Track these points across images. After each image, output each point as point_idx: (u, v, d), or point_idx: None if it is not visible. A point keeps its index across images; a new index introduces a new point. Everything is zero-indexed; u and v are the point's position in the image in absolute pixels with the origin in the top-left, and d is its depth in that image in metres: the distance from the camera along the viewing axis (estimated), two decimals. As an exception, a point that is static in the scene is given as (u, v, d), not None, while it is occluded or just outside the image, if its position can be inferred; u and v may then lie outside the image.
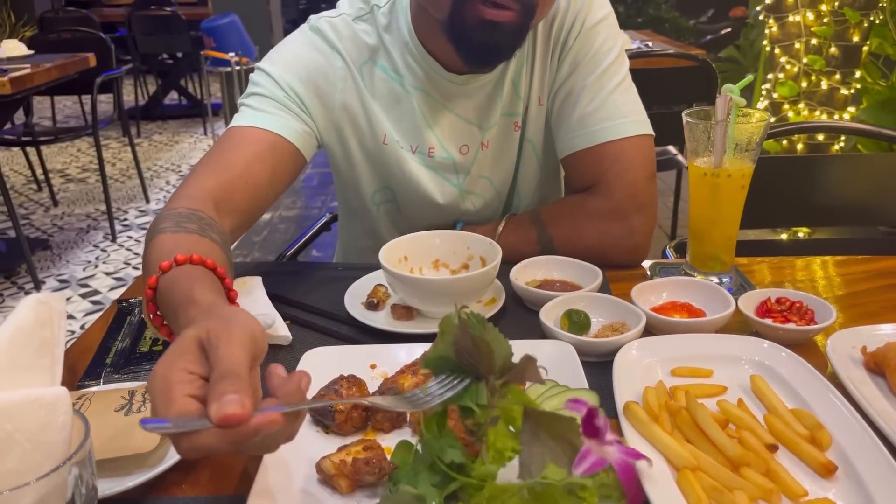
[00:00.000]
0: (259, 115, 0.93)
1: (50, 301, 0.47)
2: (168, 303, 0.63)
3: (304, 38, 0.99)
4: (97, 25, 5.21)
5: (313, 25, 0.99)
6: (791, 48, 3.09)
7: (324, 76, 0.97)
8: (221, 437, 0.45)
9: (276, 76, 0.95)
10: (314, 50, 0.97)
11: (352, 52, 0.97)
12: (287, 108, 0.94)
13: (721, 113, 0.80)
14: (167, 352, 0.50)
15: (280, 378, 0.50)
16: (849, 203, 1.37)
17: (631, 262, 0.95)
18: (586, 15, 0.96)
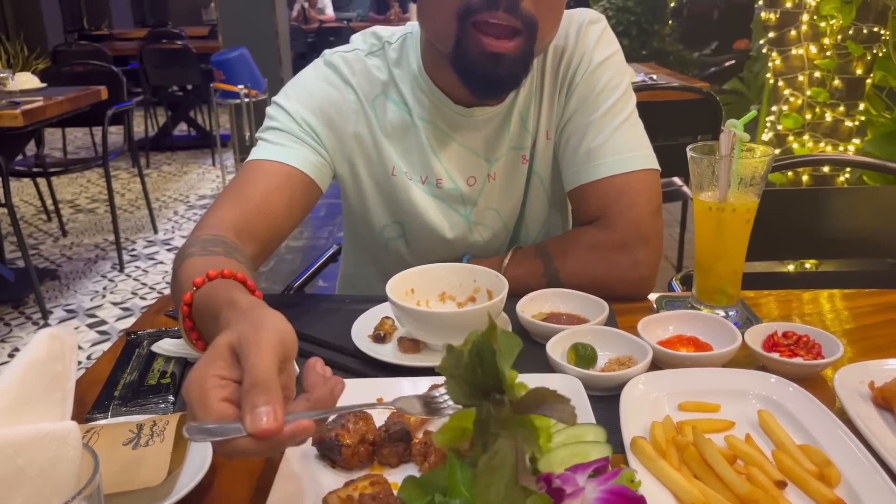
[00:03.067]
0: (275, 148, 0.96)
1: (62, 336, 0.48)
2: (204, 314, 0.66)
3: (318, 72, 1.02)
4: (109, 59, 5.29)
5: (327, 60, 1.02)
6: (795, 80, 3.11)
7: (337, 109, 0.99)
8: (258, 444, 0.48)
9: (290, 110, 0.98)
10: (328, 84, 1.00)
11: (364, 87, 1.00)
12: (302, 141, 0.97)
13: (725, 148, 0.81)
14: (201, 359, 0.52)
15: (316, 378, 0.53)
16: (855, 235, 1.37)
17: (637, 294, 0.95)
18: (594, 53, 0.98)
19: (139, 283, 3.45)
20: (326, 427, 0.64)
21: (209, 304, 0.65)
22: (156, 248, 3.91)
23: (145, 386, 0.77)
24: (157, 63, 5.71)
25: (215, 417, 0.48)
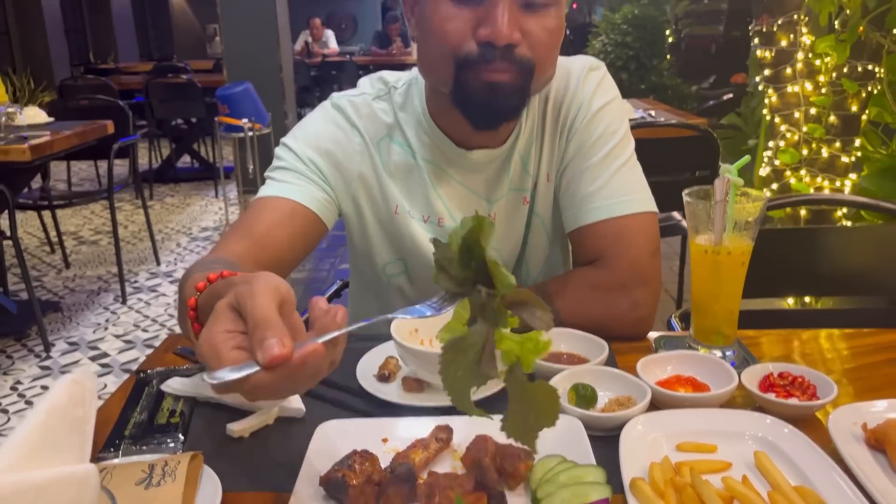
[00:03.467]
0: (281, 185, 1.00)
1: (83, 381, 0.50)
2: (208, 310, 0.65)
3: (325, 115, 1.07)
4: (115, 93, 5.37)
5: (335, 103, 1.07)
6: (791, 117, 3.16)
7: (342, 150, 1.04)
8: (274, 376, 0.50)
9: (297, 150, 1.03)
10: (334, 126, 1.05)
11: (369, 129, 1.05)
12: (308, 178, 1.01)
13: (720, 193, 0.84)
14: (206, 324, 0.55)
15: (319, 310, 0.55)
16: (851, 273, 1.39)
17: (636, 334, 0.97)
18: (593, 99, 1.02)
19: (141, 315, 3.47)
20: (333, 467, 0.66)
21: (212, 300, 0.64)
22: (158, 279, 3.93)
23: (155, 425, 0.78)
24: (163, 97, 5.79)
25: (230, 364, 0.51)
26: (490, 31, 0.86)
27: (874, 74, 2.95)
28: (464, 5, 0.88)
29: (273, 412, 0.79)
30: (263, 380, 0.50)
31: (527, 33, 0.88)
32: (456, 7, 0.88)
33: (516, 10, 0.87)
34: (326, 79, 8.71)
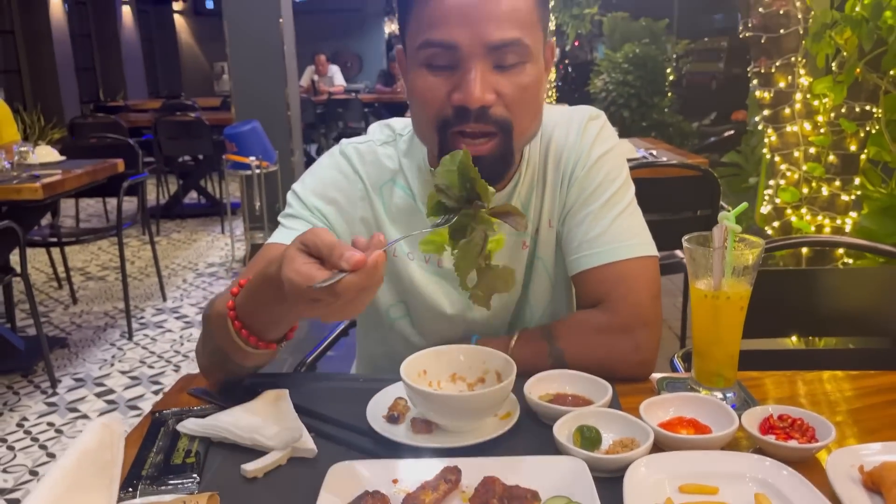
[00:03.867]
0: (288, 232, 1.06)
1: (112, 425, 0.53)
2: (250, 301, 0.85)
3: (332, 161, 1.13)
4: (125, 131, 5.45)
5: (343, 150, 1.13)
6: (791, 156, 3.21)
7: (345, 196, 1.09)
8: (358, 277, 0.69)
9: (304, 198, 1.09)
10: (339, 173, 1.10)
11: (372, 175, 1.10)
12: (313, 225, 1.04)
13: (718, 240, 0.87)
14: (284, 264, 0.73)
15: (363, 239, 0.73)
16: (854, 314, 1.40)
17: (638, 376, 1.00)
18: (593, 148, 1.06)
19: (147, 351, 3.49)
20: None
21: (251, 291, 0.84)
22: (164, 315, 3.96)
23: (171, 465, 0.80)
24: (171, 134, 5.88)
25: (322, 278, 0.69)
26: (463, 95, 0.91)
27: (872, 114, 3.00)
28: (440, 74, 0.93)
29: (286, 453, 0.81)
30: (351, 280, 0.68)
31: (501, 93, 0.92)
32: (433, 76, 0.93)
33: (489, 71, 0.91)
34: (332, 115, 8.84)
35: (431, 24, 0.91)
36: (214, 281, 4.56)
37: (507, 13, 0.90)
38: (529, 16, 0.92)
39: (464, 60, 0.91)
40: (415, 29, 0.94)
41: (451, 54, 0.91)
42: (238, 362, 0.93)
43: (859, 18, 2.67)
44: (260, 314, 0.85)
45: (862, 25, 2.66)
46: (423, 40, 0.92)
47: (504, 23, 0.90)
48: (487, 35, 0.89)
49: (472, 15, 0.89)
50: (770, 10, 3.15)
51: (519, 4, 0.91)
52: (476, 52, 0.90)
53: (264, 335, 0.88)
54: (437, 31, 0.90)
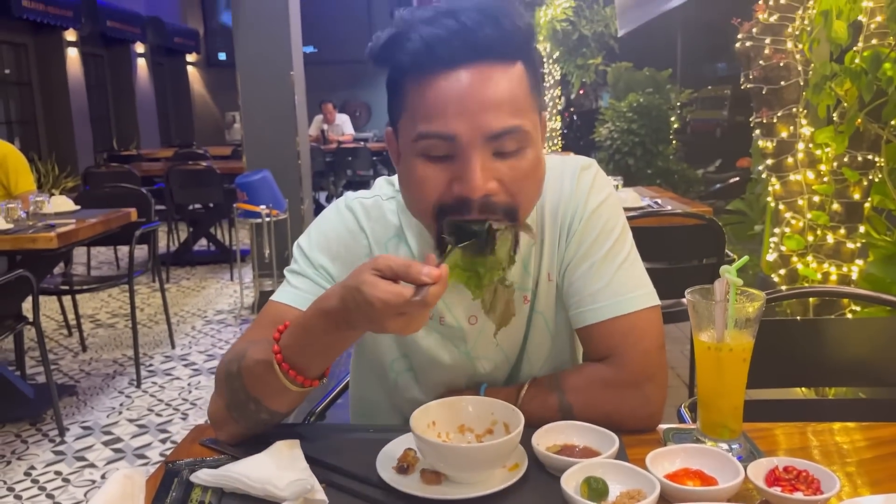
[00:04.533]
0: (294, 292, 1.08)
1: (134, 476, 0.55)
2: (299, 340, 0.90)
3: (337, 215, 1.13)
4: (138, 180, 5.55)
5: (348, 204, 1.13)
6: (795, 204, 3.24)
7: (350, 252, 1.10)
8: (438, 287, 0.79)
9: (310, 255, 1.10)
10: (344, 228, 1.11)
11: (377, 231, 1.10)
12: (317, 284, 1.08)
13: (720, 294, 0.89)
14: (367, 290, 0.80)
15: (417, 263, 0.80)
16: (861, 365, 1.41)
17: (646, 428, 1.01)
18: (589, 199, 1.06)
19: (155, 399, 3.49)
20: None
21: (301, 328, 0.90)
22: (173, 363, 3.97)
23: (185, 516, 0.82)
24: (183, 182, 5.98)
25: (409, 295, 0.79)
26: (465, 186, 0.90)
27: (874, 163, 3.04)
28: (438, 163, 0.91)
29: (298, 503, 0.82)
30: (435, 290, 0.79)
31: (502, 180, 0.91)
32: (431, 166, 0.92)
33: (489, 160, 0.90)
34: (341, 164, 8.95)
35: (428, 115, 0.90)
36: (223, 328, 4.58)
37: (505, 101, 0.89)
38: (526, 100, 0.92)
39: (463, 150, 0.89)
40: (409, 119, 0.93)
41: (450, 144, 0.90)
42: (273, 408, 0.96)
43: (858, 70, 2.73)
44: (313, 348, 0.90)
45: (861, 77, 2.72)
46: (420, 132, 0.91)
47: (502, 111, 0.89)
48: (486, 125, 0.88)
49: (469, 106, 0.88)
50: (770, 62, 3.22)
51: (516, 91, 0.91)
52: (475, 142, 0.89)
53: (310, 371, 0.92)
54: (435, 122, 0.89)
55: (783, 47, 3.22)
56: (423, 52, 0.89)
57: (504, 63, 0.90)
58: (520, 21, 0.91)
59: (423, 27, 0.89)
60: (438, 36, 0.88)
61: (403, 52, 0.90)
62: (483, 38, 0.88)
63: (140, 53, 12.12)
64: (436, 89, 0.89)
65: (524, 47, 0.93)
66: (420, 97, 0.91)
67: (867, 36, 2.81)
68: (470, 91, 0.88)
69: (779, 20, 3.21)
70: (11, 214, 3.12)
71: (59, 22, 8.90)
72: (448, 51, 0.88)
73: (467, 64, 0.89)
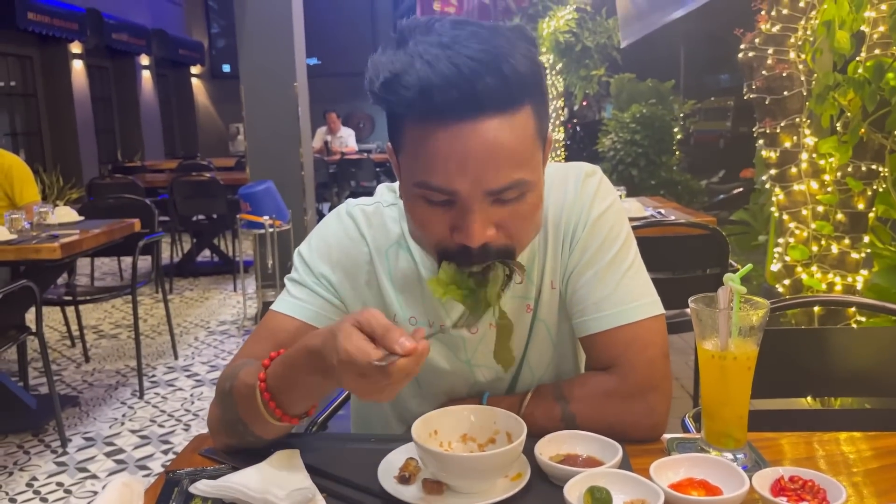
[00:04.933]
0: (294, 303, 1.07)
1: (132, 484, 0.54)
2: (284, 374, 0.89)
3: (338, 223, 1.12)
4: (142, 191, 5.57)
5: (349, 212, 1.12)
6: (799, 214, 3.23)
7: (351, 260, 1.09)
8: (409, 361, 0.76)
9: (310, 264, 1.09)
10: (345, 236, 1.10)
11: (378, 239, 1.09)
12: (317, 293, 1.07)
13: (723, 302, 0.88)
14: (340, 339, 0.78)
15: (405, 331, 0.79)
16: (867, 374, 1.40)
17: (651, 438, 1.00)
18: (592, 206, 1.05)
19: (158, 409, 3.48)
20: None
21: (287, 362, 0.89)
22: (175, 374, 3.97)
23: (184, 526, 0.81)
24: (187, 194, 5.99)
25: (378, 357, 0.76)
26: (464, 236, 0.88)
27: (878, 173, 3.03)
28: (438, 207, 0.89)
29: (298, 514, 0.82)
30: (403, 364, 0.76)
31: (501, 225, 0.89)
32: (430, 209, 0.89)
33: (488, 208, 0.87)
34: (345, 175, 8.97)
35: (428, 167, 0.86)
36: (226, 339, 4.58)
37: (507, 156, 0.85)
38: (531, 146, 0.88)
39: (463, 203, 0.87)
40: (409, 161, 0.90)
41: (450, 196, 0.87)
42: (258, 434, 0.95)
43: (862, 80, 2.73)
44: (295, 385, 0.88)
45: (865, 87, 2.72)
46: (421, 181, 0.88)
47: (504, 167, 0.85)
48: (487, 183, 0.85)
49: (469, 164, 0.84)
50: (773, 72, 3.22)
51: (520, 140, 0.86)
52: (476, 197, 0.86)
53: (291, 409, 0.91)
54: (435, 176, 0.86)
55: (786, 57, 3.22)
56: (418, 100, 0.82)
57: (507, 112, 0.84)
58: (523, 66, 0.83)
59: (421, 67, 0.82)
60: (434, 84, 0.81)
61: (400, 96, 0.83)
62: (483, 90, 0.81)
63: (145, 65, 12.19)
64: (434, 142, 0.84)
65: (529, 89, 0.86)
66: (420, 145, 0.86)
67: (870, 46, 2.81)
68: (471, 147, 0.83)
69: (781, 30, 3.21)
70: (15, 225, 3.13)
71: (64, 34, 8.95)
72: (444, 101, 0.81)
73: (467, 118, 0.83)
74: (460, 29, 0.85)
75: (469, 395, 1.11)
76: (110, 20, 10.22)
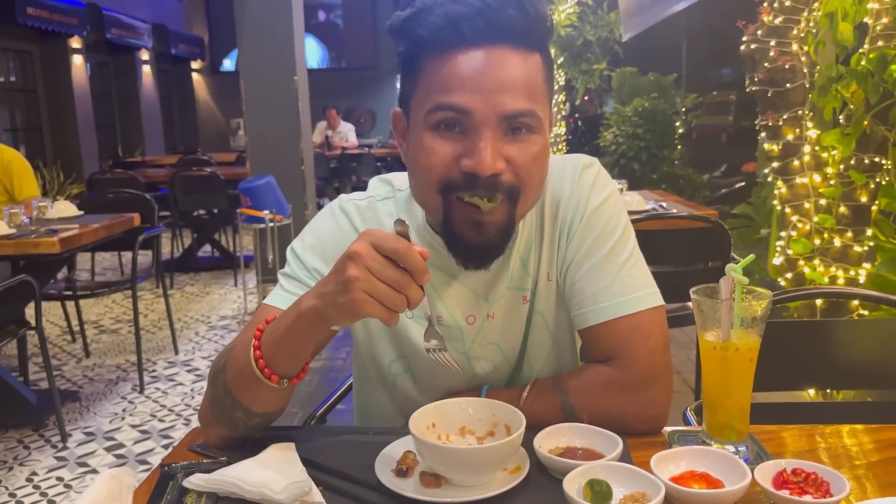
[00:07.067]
0: (283, 295, 1.07)
1: (121, 476, 0.53)
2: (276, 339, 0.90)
3: (331, 218, 1.12)
4: (142, 186, 5.56)
5: (343, 207, 1.12)
6: (801, 207, 3.21)
7: None
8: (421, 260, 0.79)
9: (303, 259, 1.09)
10: (338, 230, 1.10)
11: None
12: (308, 287, 1.05)
13: (725, 292, 0.87)
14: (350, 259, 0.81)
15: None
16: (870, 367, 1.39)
17: (652, 430, 0.99)
18: (590, 198, 1.05)
19: (158, 404, 3.48)
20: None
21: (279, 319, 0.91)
22: (176, 369, 3.96)
23: (178, 519, 0.80)
24: (187, 189, 5.98)
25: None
26: (474, 162, 0.90)
27: (881, 166, 3.01)
28: (448, 137, 0.92)
29: (293, 507, 0.81)
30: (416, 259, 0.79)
31: (510, 160, 0.92)
32: (441, 139, 0.92)
33: (499, 138, 0.91)
34: (346, 170, 8.96)
35: (445, 88, 0.91)
36: (226, 334, 4.57)
37: (522, 84, 0.91)
38: (541, 88, 0.94)
39: (475, 127, 0.90)
40: (423, 92, 0.94)
41: (463, 119, 0.91)
42: (245, 405, 0.94)
43: (865, 72, 2.71)
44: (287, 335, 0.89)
45: (868, 79, 2.70)
46: (436, 103, 0.91)
47: (518, 93, 0.91)
48: (502, 105, 0.90)
49: (487, 84, 0.89)
50: (776, 64, 3.20)
51: (533, 76, 0.92)
52: (489, 121, 0.90)
53: (281, 365, 0.91)
54: (452, 95, 0.90)
55: (788, 50, 3.20)
56: (445, 28, 0.89)
57: (523, 49, 0.92)
58: (541, 7, 0.92)
59: (448, 3, 0.90)
60: (462, 13, 0.89)
61: (425, 27, 0.91)
62: (506, 20, 0.89)
63: (145, 60, 12.16)
64: (455, 64, 0.90)
65: (543, 40, 0.95)
66: (438, 71, 0.91)
67: (873, 38, 2.79)
68: (489, 69, 0.90)
69: (784, 22, 3.19)
70: (14, 219, 3.12)
71: (64, 29, 8.93)
72: (471, 28, 0.89)
73: (489, 44, 0.90)
74: None
75: (467, 388, 1.10)
76: (110, 15, 10.20)
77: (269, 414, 0.98)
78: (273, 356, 0.91)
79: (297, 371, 0.93)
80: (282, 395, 0.96)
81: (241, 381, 0.93)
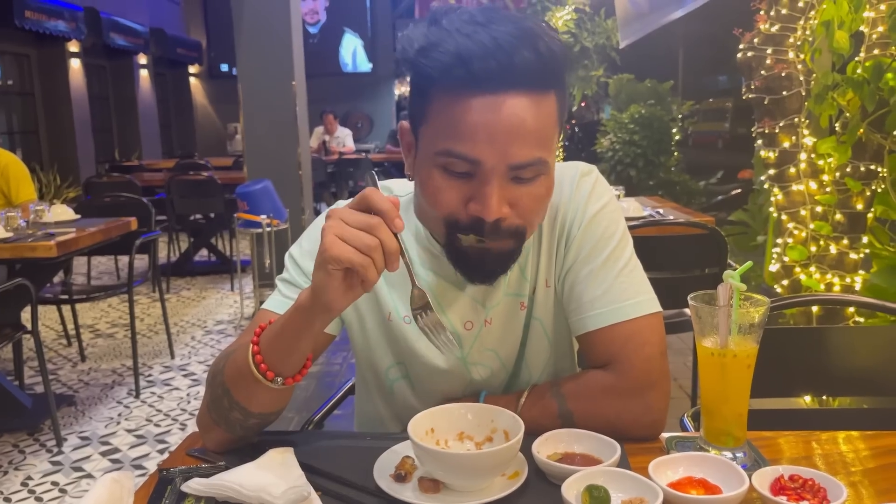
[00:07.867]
0: (282, 300, 1.07)
1: (122, 480, 0.53)
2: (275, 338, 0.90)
3: None
4: (139, 190, 5.55)
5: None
6: (797, 214, 3.22)
7: None
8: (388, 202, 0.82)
9: (300, 263, 1.09)
10: None
11: None
12: None
13: (723, 299, 0.87)
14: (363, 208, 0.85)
15: None
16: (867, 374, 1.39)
17: (649, 436, 0.99)
18: (588, 205, 1.05)
19: (154, 409, 3.47)
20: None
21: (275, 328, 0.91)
22: (172, 373, 3.95)
23: (177, 524, 0.80)
24: (184, 193, 5.97)
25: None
26: (480, 208, 0.90)
27: (877, 174, 3.02)
28: (456, 178, 0.91)
29: (292, 512, 0.81)
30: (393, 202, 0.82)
31: (515, 204, 0.92)
32: (449, 180, 0.92)
33: (506, 185, 0.90)
34: (343, 175, 8.97)
35: (455, 135, 0.89)
36: (223, 338, 4.56)
37: (534, 133, 0.89)
38: (552, 131, 0.92)
39: (484, 174, 0.89)
40: (433, 128, 0.92)
41: (471, 166, 0.90)
42: (243, 404, 0.94)
43: (861, 80, 2.72)
44: (283, 331, 0.90)
45: (863, 87, 2.71)
46: (445, 149, 0.90)
47: (530, 143, 0.89)
48: (511, 156, 0.88)
49: (498, 136, 0.87)
50: (772, 72, 3.21)
51: (544, 121, 0.90)
52: (498, 170, 0.89)
53: (279, 363, 0.91)
54: (461, 144, 0.88)
55: (785, 57, 3.21)
56: (457, 67, 0.86)
57: (538, 92, 0.89)
58: (556, 47, 0.88)
59: (459, 38, 0.86)
60: (473, 52, 0.85)
61: (436, 64, 0.87)
62: (520, 63, 0.85)
63: (142, 64, 12.16)
64: (466, 110, 0.87)
65: (559, 78, 0.91)
66: (449, 110, 0.89)
67: (869, 46, 2.81)
68: (500, 119, 0.87)
69: (780, 30, 3.20)
70: (11, 223, 3.11)
71: (61, 33, 8.93)
72: (483, 70, 0.85)
73: (502, 90, 0.87)
74: (492, 12, 0.90)
75: (465, 394, 1.10)
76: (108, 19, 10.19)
77: (265, 415, 0.97)
78: (270, 352, 0.91)
79: (294, 369, 0.93)
80: (279, 396, 0.95)
81: (238, 380, 0.93)
